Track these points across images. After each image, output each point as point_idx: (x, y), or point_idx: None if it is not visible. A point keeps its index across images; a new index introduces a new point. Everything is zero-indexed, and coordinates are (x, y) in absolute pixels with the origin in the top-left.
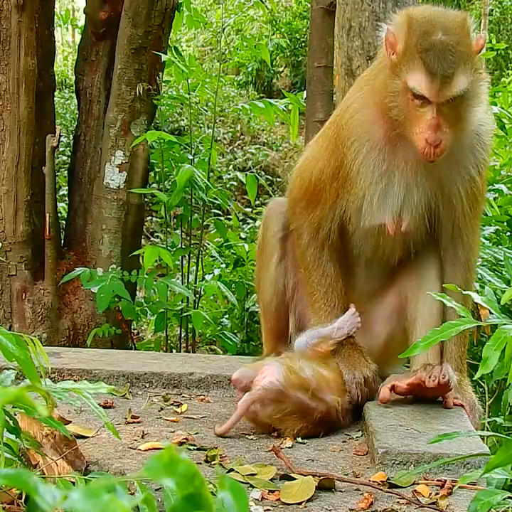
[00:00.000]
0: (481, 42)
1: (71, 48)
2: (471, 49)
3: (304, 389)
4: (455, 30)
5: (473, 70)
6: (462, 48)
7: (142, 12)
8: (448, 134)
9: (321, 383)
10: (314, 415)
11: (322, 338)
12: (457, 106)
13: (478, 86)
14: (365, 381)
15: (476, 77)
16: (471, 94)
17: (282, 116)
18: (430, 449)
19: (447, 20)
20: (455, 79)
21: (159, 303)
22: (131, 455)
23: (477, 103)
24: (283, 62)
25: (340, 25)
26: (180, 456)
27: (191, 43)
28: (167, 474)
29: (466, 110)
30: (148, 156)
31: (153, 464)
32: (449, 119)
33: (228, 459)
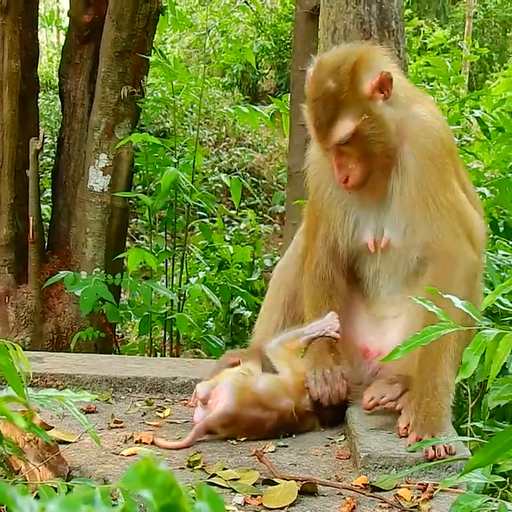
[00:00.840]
0: (374, 82)
1: (56, 49)
2: (358, 93)
3: (255, 405)
4: (342, 77)
5: (363, 112)
6: (347, 94)
7: (126, 15)
8: (356, 168)
9: (275, 391)
10: (266, 426)
11: (295, 336)
12: (356, 144)
13: (380, 116)
14: (325, 379)
15: (374, 112)
16: (368, 129)
17: (267, 123)
18: (412, 452)
19: (337, 67)
20: (338, 125)
21: (143, 306)
22: (114, 460)
23: (387, 125)
24: (268, 64)
25: (325, 27)
26: (158, 467)
27: (176, 45)
28: (145, 485)
29: (369, 143)
30: (132, 159)
31: (131, 474)
32: (354, 156)
33: (211, 464)
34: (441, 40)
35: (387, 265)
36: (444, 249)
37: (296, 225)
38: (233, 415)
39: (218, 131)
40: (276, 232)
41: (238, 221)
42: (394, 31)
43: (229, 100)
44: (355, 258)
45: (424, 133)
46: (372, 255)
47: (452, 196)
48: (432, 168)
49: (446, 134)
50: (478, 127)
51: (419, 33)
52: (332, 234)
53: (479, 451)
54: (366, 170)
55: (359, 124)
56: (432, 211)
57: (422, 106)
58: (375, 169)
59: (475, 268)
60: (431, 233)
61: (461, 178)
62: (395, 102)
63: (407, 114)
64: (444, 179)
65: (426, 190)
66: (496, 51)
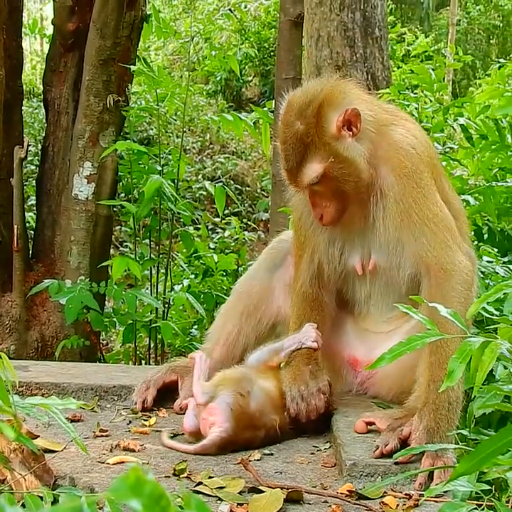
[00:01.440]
0: (339, 122)
1: (39, 57)
2: (324, 135)
3: (249, 426)
4: (308, 120)
5: (330, 154)
6: (314, 137)
7: (111, 23)
8: (330, 206)
9: (264, 408)
10: (255, 443)
11: (274, 352)
12: (327, 184)
13: (348, 156)
14: (301, 395)
15: (341, 153)
16: (336, 170)
17: (251, 132)
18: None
19: (304, 109)
20: (307, 168)
21: (128, 314)
22: (100, 469)
23: (356, 163)
24: (252, 72)
25: (308, 35)
26: (147, 477)
27: (160, 52)
28: (133, 495)
29: (339, 182)
30: (116, 167)
31: (119, 484)
32: (327, 195)
33: (197, 472)
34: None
35: (378, 286)
36: (437, 262)
37: (280, 232)
38: (229, 440)
39: (202, 138)
40: (260, 240)
41: (223, 229)
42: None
43: (213, 107)
44: (343, 281)
45: (398, 152)
46: (360, 278)
47: (436, 208)
48: (411, 184)
49: (423, 149)
50: (461, 134)
51: (402, 40)
52: (317, 259)
53: (465, 459)
54: (340, 207)
55: (327, 165)
56: (418, 226)
57: (396, 127)
58: (351, 203)
59: (470, 275)
60: (422, 248)
61: (444, 190)
62: (364, 136)
63: (379, 139)
64: (424, 193)
65: (409, 207)
66: (480, 58)
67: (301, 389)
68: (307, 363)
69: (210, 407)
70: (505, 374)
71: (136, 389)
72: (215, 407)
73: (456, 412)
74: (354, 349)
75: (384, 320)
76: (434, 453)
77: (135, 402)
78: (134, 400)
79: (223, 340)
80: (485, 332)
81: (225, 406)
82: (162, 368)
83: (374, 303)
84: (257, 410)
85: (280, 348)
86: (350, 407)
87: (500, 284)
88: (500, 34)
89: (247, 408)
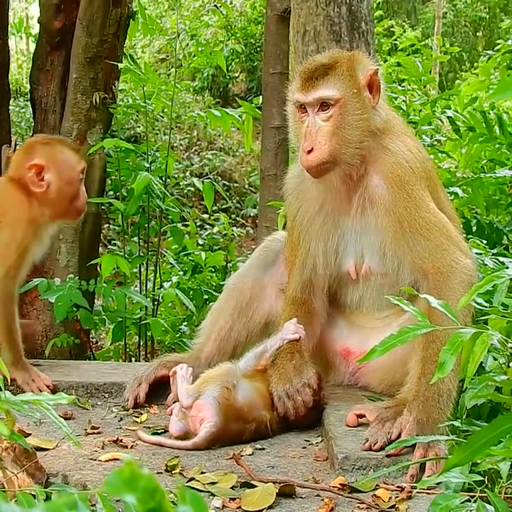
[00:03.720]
0: (369, 74)
1: (25, 56)
2: (353, 72)
3: (238, 419)
4: (340, 56)
5: (354, 88)
6: (343, 67)
7: (97, 21)
8: (324, 144)
9: (253, 402)
10: (245, 436)
11: (260, 355)
12: (334, 117)
13: (365, 106)
14: (287, 394)
15: (362, 99)
16: (351, 108)
17: (238, 126)
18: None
19: (337, 53)
20: (328, 84)
21: (117, 311)
22: (92, 466)
23: (367, 120)
24: (238, 68)
25: (295, 29)
26: (141, 471)
27: (146, 49)
28: (128, 490)
29: (346, 123)
30: (104, 165)
31: (113, 479)
32: (326, 131)
33: (189, 468)
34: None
35: (371, 292)
36: (433, 266)
37: (269, 228)
38: (218, 434)
39: (189, 135)
40: (249, 235)
41: (211, 225)
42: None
43: (200, 104)
44: (336, 285)
45: (392, 163)
46: (353, 282)
47: (429, 215)
48: (402, 195)
49: (418, 164)
50: (449, 127)
51: (389, 35)
52: (310, 262)
53: (457, 450)
54: (334, 153)
55: (346, 95)
56: (411, 235)
57: (396, 138)
58: (342, 173)
59: (470, 274)
60: (418, 256)
61: (440, 201)
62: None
63: (378, 145)
64: (416, 202)
65: (400, 218)
66: (467, 51)
67: (286, 387)
68: (291, 358)
69: (198, 404)
70: (495, 365)
71: (128, 386)
72: (202, 403)
73: (447, 403)
74: (346, 340)
75: (377, 318)
76: (426, 444)
77: (127, 398)
78: (126, 396)
79: (215, 335)
80: (475, 324)
81: (211, 400)
82: (153, 364)
83: (367, 305)
84: (245, 404)
85: (265, 349)
86: (341, 400)
87: (490, 275)
88: (487, 26)
89: (233, 401)
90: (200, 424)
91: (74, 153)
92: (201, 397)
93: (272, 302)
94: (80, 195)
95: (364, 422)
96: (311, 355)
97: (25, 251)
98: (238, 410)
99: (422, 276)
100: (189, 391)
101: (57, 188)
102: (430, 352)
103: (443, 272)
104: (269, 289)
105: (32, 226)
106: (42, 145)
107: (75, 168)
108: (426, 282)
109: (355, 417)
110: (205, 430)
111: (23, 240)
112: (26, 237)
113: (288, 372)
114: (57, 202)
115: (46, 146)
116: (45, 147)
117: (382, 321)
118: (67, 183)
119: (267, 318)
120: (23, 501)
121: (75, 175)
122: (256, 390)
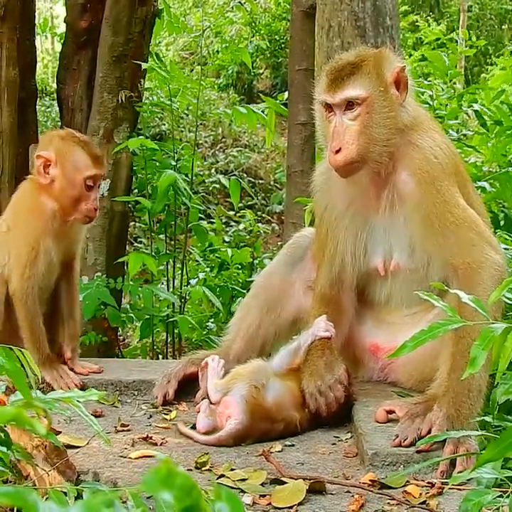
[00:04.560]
0: (395, 71)
1: (51, 56)
2: (380, 71)
3: (266, 419)
4: (366, 54)
5: (380, 86)
6: (369, 65)
7: (123, 19)
8: (352, 143)
9: (283, 402)
10: (273, 435)
11: (293, 352)
12: (361, 116)
13: (392, 103)
14: (319, 391)
15: (389, 96)
16: (378, 106)
17: (264, 123)
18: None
19: (363, 52)
20: (355, 83)
21: (145, 309)
22: (122, 463)
23: (395, 118)
24: (263, 64)
25: (319, 25)
26: (177, 469)
27: (171, 47)
28: (165, 487)
29: (373, 121)
30: (131, 163)
31: (150, 477)
32: (354, 130)
33: (218, 465)
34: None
35: (399, 288)
36: (463, 262)
37: (296, 224)
38: (245, 432)
39: (214, 132)
40: (275, 232)
41: (237, 222)
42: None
43: (224, 101)
44: (364, 282)
45: (420, 159)
46: (382, 279)
47: (458, 210)
48: (431, 191)
49: (446, 160)
50: (476, 121)
51: (414, 29)
52: (339, 259)
53: (490, 446)
54: (362, 153)
55: (373, 93)
56: (441, 231)
57: (424, 134)
58: (370, 171)
59: (500, 269)
60: (447, 252)
61: (469, 196)
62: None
63: (406, 141)
64: (445, 198)
65: (430, 214)
66: (492, 44)
67: (318, 384)
68: (321, 355)
69: (225, 401)
70: None
71: (158, 383)
72: (229, 399)
73: (477, 399)
74: (375, 336)
75: (406, 314)
76: (456, 440)
77: (156, 396)
78: (154, 394)
79: (243, 332)
80: (505, 319)
81: (239, 398)
82: (182, 361)
83: (396, 302)
84: (274, 404)
85: (298, 346)
86: (370, 396)
87: None
88: None
89: (261, 400)
90: (227, 420)
91: (89, 157)
92: (229, 394)
93: (300, 298)
94: (85, 200)
95: (394, 418)
96: (340, 352)
97: (37, 247)
98: (266, 410)
99: (451, 272)
100: (218, 386)
101: (60, 185)
102: (460, 347)
103: (473, 267)
104: (297, 286)
105: (41, 220)
106: (58, 139)
107: (82, 172)
108: (456, 278)
109: (384, 413)
110: (230, 427)
111: (33, 236)
112: (36, 233)
113: (319, 369)
114: (62, 199)
115: (61, 141)
116: (59, 142)
117: (411, 318)
118: (70, 184)
119: (295, 314)
120: (54, 499)
121: (79, 178)
122: (287, 390)
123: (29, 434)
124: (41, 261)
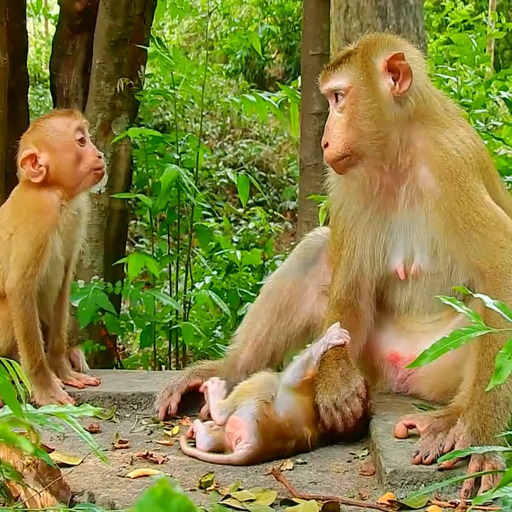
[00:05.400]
0: (388, 58)
1: (44, 40)
2: (369, 59)
3: (278, 437)
4: (363, 43)
5: (362, 74)
6: (358, 55)
7: (121, 1)
8: (339, 137)
9: (295, 417)
10: (285, 453)
11: (306, 363)
12: (346, 107)
13: (377, 93)
14: (335, 405)
15: (373, 85)
16: (360, 96)
17: (276, 113)
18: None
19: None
20: (339, 73)
21: (146, 316)
22: (120, 483)
23: (381, 110)
24: (275, 48)
25: (336, 6)
26: (174, 490)
27: (175, 30)
28: (160, 510)
29: (357, 112)
30: (130, 157)
31: (145, 499)
32: (342, 123)
33: (224, 484)
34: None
35: (421, 293)
36: (491, 265)
37: (309, 223)
38: (257, 455)
39: (222, 122)
40: (288, 231)
41: (246, 220)
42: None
43: (233, 88)
44: (383, 287)
45: (440, 153)
46: (402, 283)
47: (484, 209)
48: (454, 188)
49: (470, 155)
50: (505, 109)
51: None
52: (356, 262)
53: None
54: (350, 146)
55: (355, 83)
56: (466, 232)
57: (446, 129)
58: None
59: None
60: (473, 254)
61: (497, 193)
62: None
63: (422, 135)
64: (470, 195)
65: (453, 212)
66: None
67: (333, 397)
68: (337, 365)
69: (234, 420)
70: None
71: (159, 396)
72: (238, 419)
73: (504, 412)
74: (395, 344)
75: (428, 322)
76: (481, 456)
77: (157, 410)
78: (155, 408)
79: (251, 341)
80: None
81: (249, 417)
82: (185, 372)
83: (417, 308)
84: (287, 419)
85: (310, 357)
86: (389, 410)
87: None
88: None
89: (273, 416)
90: (237, 442)
91: (62, 117)
92: (237, 412)
93: (313, 304)
94: (84, 157)
95: (414, 432)
96: (357, 362)
97: (44, 245)
98: (279, 427)
99: (478, 276)
100: (222, 407)
101: (55, 162)
102: (486, 357)
103: (502, 271)
104: (310, 290)
105: (49, 215)
106: (28, 134)
107: (67, 131)
108: (482, 283)
109: (404, 427)
110: (241, 452)
111: (41, 234)
112: (44, 230)
113: (335, 380)
114: (63, 175)
115: (31, 132)
116: (30, 134)
117: (433, 325)
118: (63, 151)
119: (308, 321)
120: None
121: (67, 138)
122: (299, 403)
123: (19, 451)
124: (47, 259)
